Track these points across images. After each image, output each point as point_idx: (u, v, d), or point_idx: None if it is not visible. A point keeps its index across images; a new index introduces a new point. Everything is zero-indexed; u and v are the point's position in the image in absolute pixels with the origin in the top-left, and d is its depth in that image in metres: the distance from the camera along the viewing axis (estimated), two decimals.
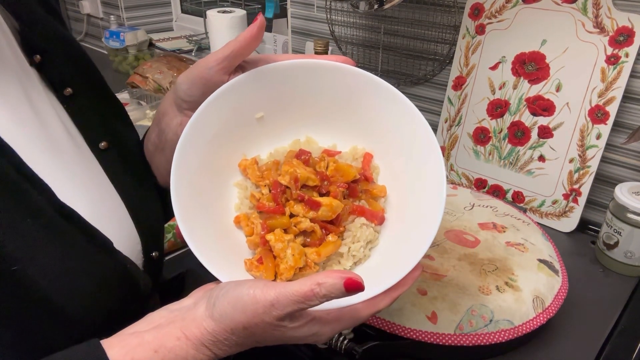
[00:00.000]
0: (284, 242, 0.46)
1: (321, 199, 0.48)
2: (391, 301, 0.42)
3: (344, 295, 0.37)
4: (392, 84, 0.48)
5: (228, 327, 0.38)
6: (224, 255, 0.48)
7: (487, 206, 0.80)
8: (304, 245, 0.48)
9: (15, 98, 0.46)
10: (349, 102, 0.51)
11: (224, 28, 1.27)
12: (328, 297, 0.37)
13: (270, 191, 0.50)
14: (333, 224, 0.49)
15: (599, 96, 0.81)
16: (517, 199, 0.92)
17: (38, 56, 0.50)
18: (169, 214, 0.49)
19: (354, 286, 0.36)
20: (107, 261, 0.46)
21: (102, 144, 0.53)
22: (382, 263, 0.48)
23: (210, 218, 0.50)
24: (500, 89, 0.91)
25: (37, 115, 0.47)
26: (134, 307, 0.49)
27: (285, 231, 0.48)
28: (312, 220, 0.48)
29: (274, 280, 0.47)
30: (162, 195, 0.60)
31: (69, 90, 0.52)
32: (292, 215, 0.49)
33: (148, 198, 0.58)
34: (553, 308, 0.63)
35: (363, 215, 0.50)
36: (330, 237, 0.48)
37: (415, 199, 0.48)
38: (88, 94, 0.54)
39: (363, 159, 0.52)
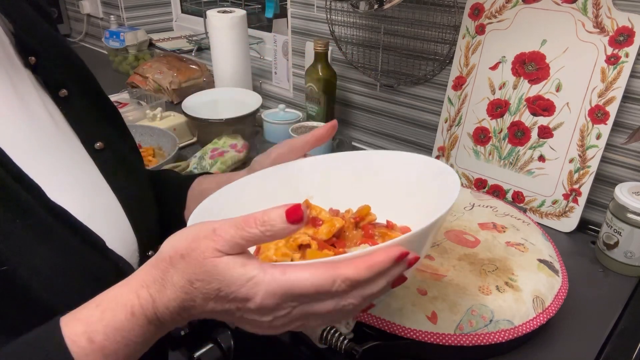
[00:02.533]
0: (274, 244, 0.45)
1: (323, 217, 0.47)
2: (356, 270, 0.34)
3: (285, 225, 0.34)
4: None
5: (167, 255, 0.36)
6: None
7: (487, 206, 0.80)
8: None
9: (5, 99, 0.46)
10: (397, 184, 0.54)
11: (224, 28, 1.27)
12: (267, 225, 0.34)
13: None
14: (334, 247, 0.46)
15: (599, 96, 0.81)
16: (517, 199, 0.92)
17: (33, 58, 0.50)
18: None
19: (294, 214, 0.33)
20: (98, 261, 0.46)
21: (98, 144, 0.53)
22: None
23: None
24: (500, 89, 0.91)
25: (29, 116, 0.47)
26: None
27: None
28: (311, 237, 0.46)
29: None
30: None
31: (64, 91, 0.52)
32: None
33: (145, 198, 0.58)
34: (553, 308, 0.63)
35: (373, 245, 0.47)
36: (325, 251, 0.46)
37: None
38: (83, 95, 0.55)
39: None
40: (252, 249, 0.48)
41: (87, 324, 0.36)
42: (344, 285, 0.34)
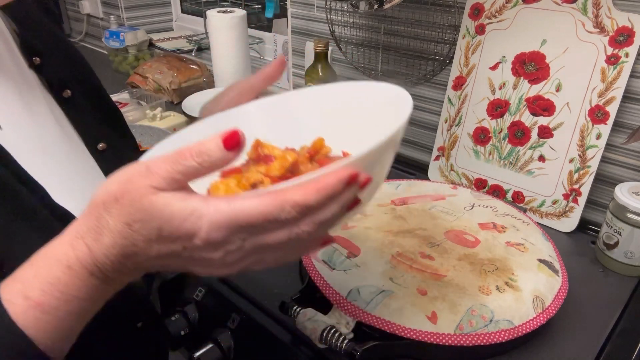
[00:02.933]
0: (225, 185, 0.43)
1: (275, 154, 0.45)
2: (304, 195, 0.32)
3: (223, 154, 0.32)
4: (392, 84, 0.48)
5: (100, 200, 0.33)
6: None
7: (487, 206, 0.80)
8: None
9: (10, 100, 0.46)
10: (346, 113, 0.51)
11: (224, 28, 1.27)
12: (204, 156, 0.31)
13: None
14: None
15: (599, 96, 0.81)
16: (517, 199, 0.92)
17: (37, 58, 0.50)
18: None
19: (231, 140, 0.31)
20: None
21: (101, 145, 0.54)
22: None
23: None
24: (500, 89, 0.91)
25: (32, 117, 0.47)
26: (128, 307, 0.49)
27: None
28: (264, 175, 0.44)
29: None
30: None
31: (67, 92, 0.52)
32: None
33: None
34: (553, 308, 0.63)
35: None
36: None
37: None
38: (86, 96, 0.55)
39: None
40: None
41: (22, 282, 0.34)
42: (294, 211, 0.32)
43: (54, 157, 0.48)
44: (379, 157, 0.40)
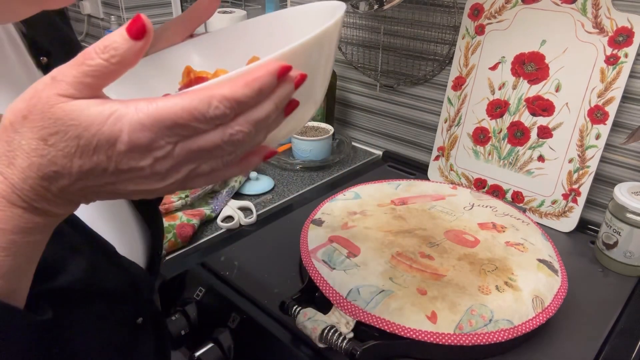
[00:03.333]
0: None
1: (208, 75, 0.44)
2: (232, 88, 0.30)
3: (130, 44, 0.29)
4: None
5: (7, 122, 0.30)
6: None
7: (486, 206, 0.80)
8: None
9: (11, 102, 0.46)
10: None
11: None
12: (110, 50, 0.29)
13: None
14: None
15: (599, 96, 0.81)
16: (517, 199, 0.92)
17: (44, 58, 0.50)
18: None
19: (134, 25, 0.29)
20: (107, 266, 0.46)
21: None
22: None
23: None
24: (499, 89, 0.92)
25: None
26: (133, 308, 0.49)
27: None
28: None
29: None
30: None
31: None
32: None
33: (154, 199, 0.58)
34: (552, 308, 0.63)
35: None
36: None
37: None
38: None
39: None
40: None
41: None
42: (222, 106, 0.29)
43: None
44: (310, 54, 0.37)
